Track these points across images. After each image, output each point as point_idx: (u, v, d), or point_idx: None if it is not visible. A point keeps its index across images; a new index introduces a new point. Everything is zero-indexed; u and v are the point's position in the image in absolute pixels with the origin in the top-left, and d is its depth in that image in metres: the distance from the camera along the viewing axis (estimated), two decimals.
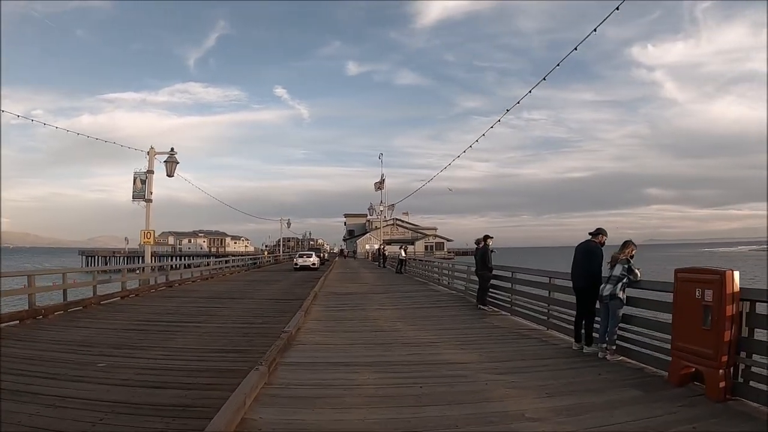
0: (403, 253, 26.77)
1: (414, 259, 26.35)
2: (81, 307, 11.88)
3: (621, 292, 6.22)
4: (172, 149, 21.25)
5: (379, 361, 6.19)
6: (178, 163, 21.19)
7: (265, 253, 61.91)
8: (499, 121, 16.11)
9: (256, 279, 24.60)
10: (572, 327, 7.41)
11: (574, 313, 7.52)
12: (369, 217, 70.22)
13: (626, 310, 6.33)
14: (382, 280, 21.56)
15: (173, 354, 7.04)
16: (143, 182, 20.94)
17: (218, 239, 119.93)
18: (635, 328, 6.25)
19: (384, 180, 48.12)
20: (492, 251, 10.93)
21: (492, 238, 11.03)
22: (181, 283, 20.63)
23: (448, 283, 15.44)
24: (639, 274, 6.26)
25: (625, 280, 6.23)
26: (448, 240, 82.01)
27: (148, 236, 20.64)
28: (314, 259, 34.61)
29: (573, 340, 6.99)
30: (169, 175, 21.09)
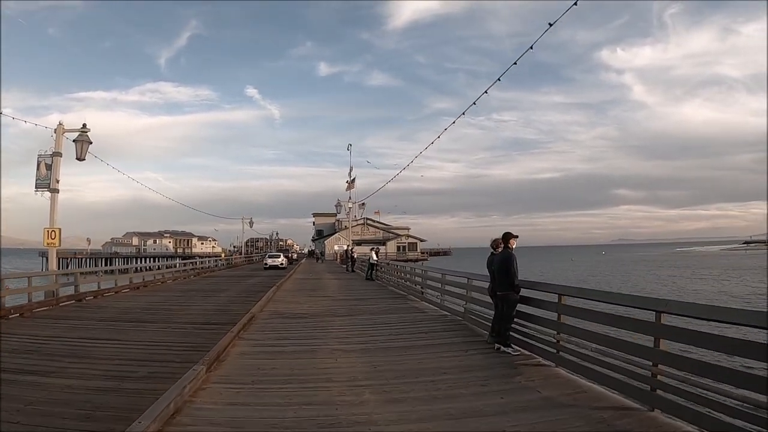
0: (375, 256, 22.62)
1: (388, 263, 22.19)
2: None
3: None
4: (84, 125, 16.69)
5: None
6: (90, 143, 16.63)
7: (223, 255, 57.27)
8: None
9: (197, 288, 20.02)
10: (725, 417, 3.52)
11: (714, 382, 3.65)
12: (338, 216, 66.03)
13: None
14: (349, 291, 17.25)
15: None
16: (48, 167, 16.34)
17: (185, 240, 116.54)
18: None
19: (354, 179, 43.98)
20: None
21: (517, 237, 6.97)
22: (96, 296, 16.19)
23: (439, 300, 11.26)
24: None
25: None
26: (422, 240, 78.34)
27: (53, 236, 16.06)
28: (282, 259, 38.58)
29: None
30: (80, 158, 16.54)
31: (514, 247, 6.91)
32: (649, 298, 4.72)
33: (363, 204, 65.40)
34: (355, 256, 31.53)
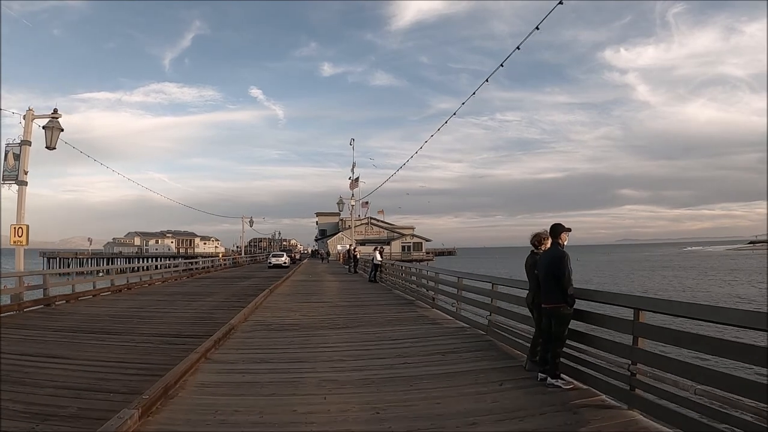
0: (379, 257, 20.88)
1: (392, 264, 20.44)
2: None
3: None
4: (55, 110, 15.14)
5: None
6: (62, 130, 15.07)
7: (221, 255, 56.01)
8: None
9: (185, 291, 18.34)
10: None
11: None
12: (341, 215, 64.35)
13: None
14: (350, 295, 15.49)
15: None
16: (17, 157, 14.77)
17: (187, 240, 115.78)
18: None
19: (358, 178, 42.18)
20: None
21: (569, 231, 5.21)
22: (70, 299, 14.62)
23: (454, 309, 9.48)
24: None
25: None
26: (427, 240, 76.48)
27: (20, 233, 14.46)
28: (285, 258, 40.56)
29: None
30: (50, 146, 14.94)
31: (565, 243, 5.16)
32: None
33: (367, 203, 63.83)
34: (358, 256, 29.76)
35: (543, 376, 5.11)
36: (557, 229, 5.11)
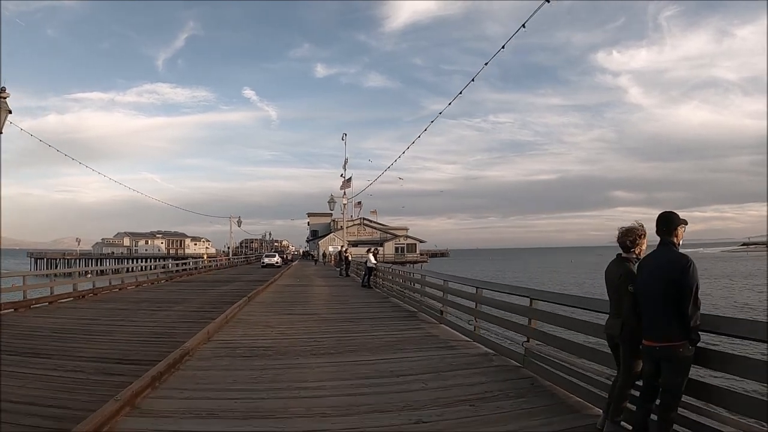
0: (373, 259, 18.93)
1: (390, 268, 18.49)
2: None
3: None
4: (3, 89, 13.08)
5: None
6: (10, 111, 13.02)
7: (205, 256, 54.08)
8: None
9: (154, 298, 16.32)
10: None
11: None
12: (333, 215, 62.50)
13: None
14: (340, 304, 13.45)
15: None
16: None
17: (177, 240, 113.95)
18: None
19: (351, 178, 40.16)
20: None
21: (686, 224, 3.33)
22: (20, 307, 12.77)
23: (471, 327, 7.52)
24: None
25: None
26: (421, 241, 74.64)
27: None
28: (277, 259, 43.97)
29: None
30: None
31: (680, 236, 3.25)
32: None
33: (359, 203, 61.93)
34: (350, 258, 27.77)
35: None
36: (673, 220, 3.20)
